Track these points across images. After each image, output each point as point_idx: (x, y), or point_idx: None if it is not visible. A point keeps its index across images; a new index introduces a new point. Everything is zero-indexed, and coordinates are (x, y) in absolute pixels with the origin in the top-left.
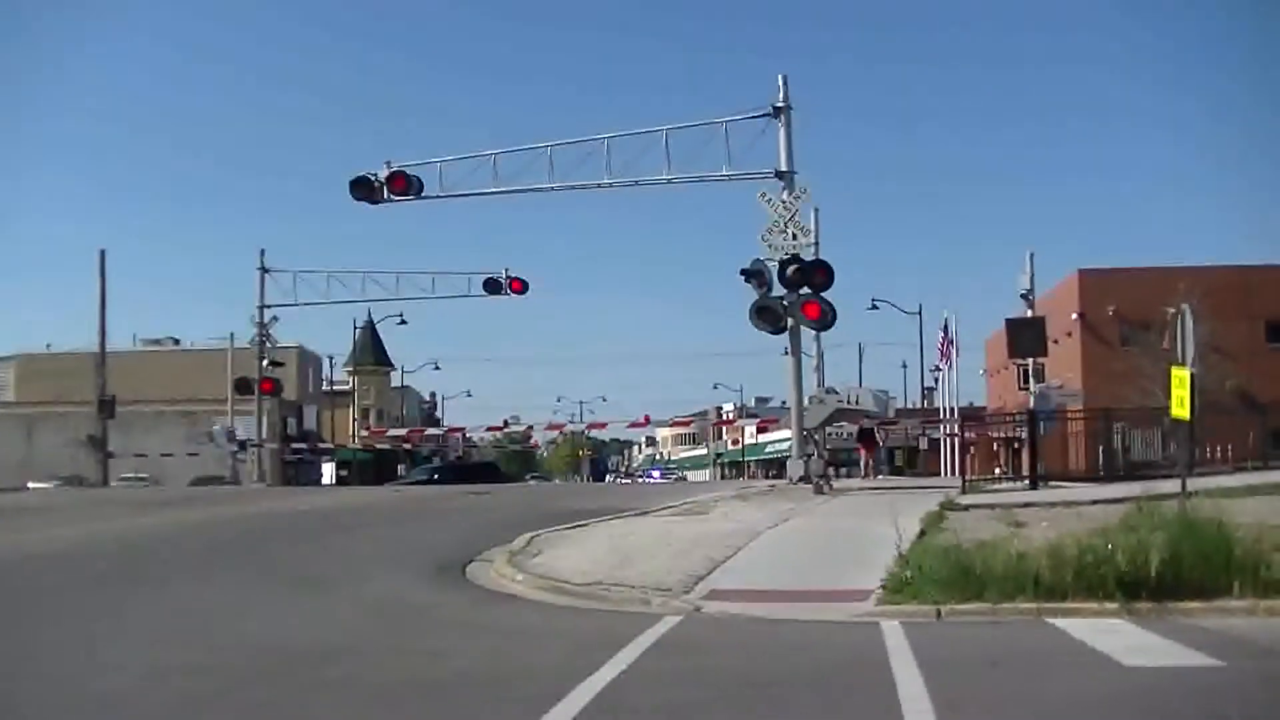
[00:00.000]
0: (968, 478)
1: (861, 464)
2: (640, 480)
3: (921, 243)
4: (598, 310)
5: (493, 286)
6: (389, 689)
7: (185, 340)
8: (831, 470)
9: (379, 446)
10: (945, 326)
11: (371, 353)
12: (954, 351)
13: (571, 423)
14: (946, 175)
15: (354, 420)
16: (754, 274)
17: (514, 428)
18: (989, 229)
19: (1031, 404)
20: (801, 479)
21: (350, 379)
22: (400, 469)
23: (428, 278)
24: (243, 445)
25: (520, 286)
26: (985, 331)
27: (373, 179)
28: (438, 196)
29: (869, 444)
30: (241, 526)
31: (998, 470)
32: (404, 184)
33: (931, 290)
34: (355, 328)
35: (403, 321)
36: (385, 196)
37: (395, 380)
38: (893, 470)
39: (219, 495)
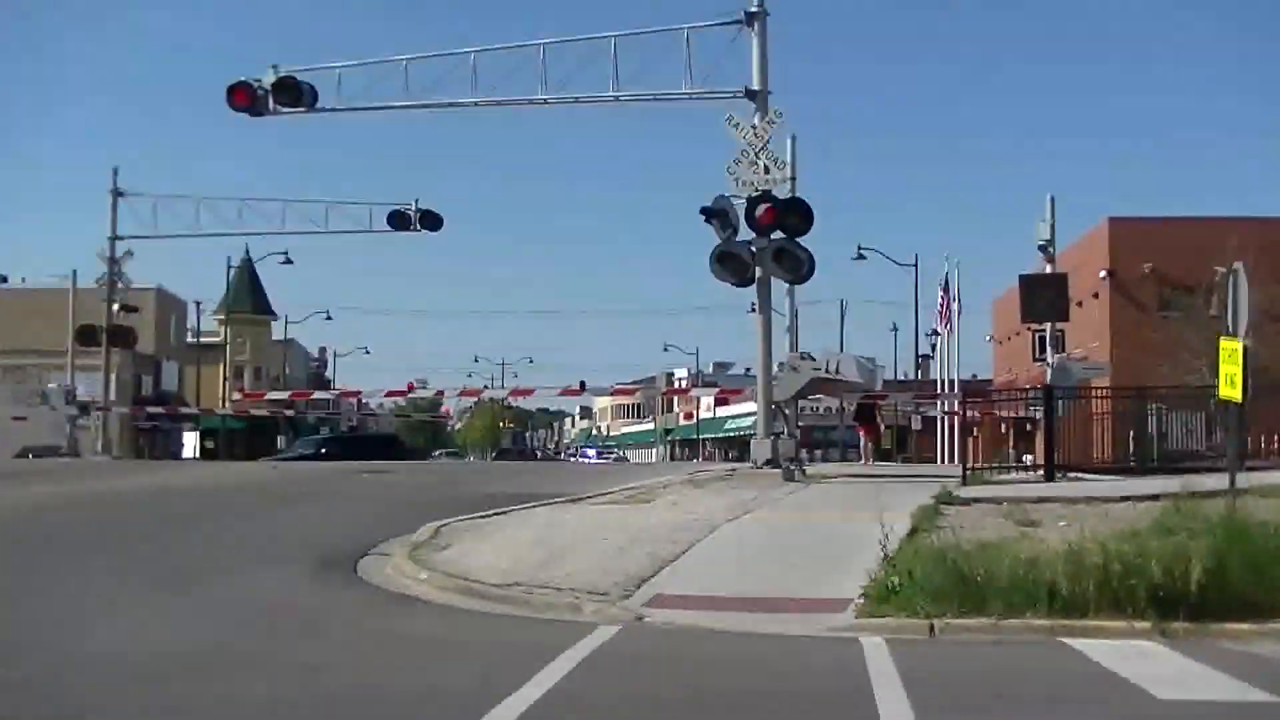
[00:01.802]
0: (969, 465)
1: (861, 447)
2: (573, 460)
3: (921, 186)
4: (526, 253)
5: (399, 221)
6: (250, 713)
7: (14, 278)
8: (805, 453)
9: (255, 413)
10: (946, 282)
11: (249, 298)
12: (956, 313)
13: (490, 388)
14: (953, 108)
15: (225, 380)
16: (716, 214)
17: (421, 393)
18: (1002, 173)
19: (1048, 378)
20: (768, 462)
21: (221, 329)
22: (280, 441)
23: (319, 208)
24: (84, 409)
25: (433, 222)
26: (994, 290)
27: (255, 86)
28: (335, 110)
29: (869, 424)
30: (81, 510)
31: (1008, 456)
32: (293, 93)
33: (931, 241)
34: (229, 267)
35: (287, 260)
36: (270, 108)
37: (277, 332)
38: (878, 455)
39: (53, 470)
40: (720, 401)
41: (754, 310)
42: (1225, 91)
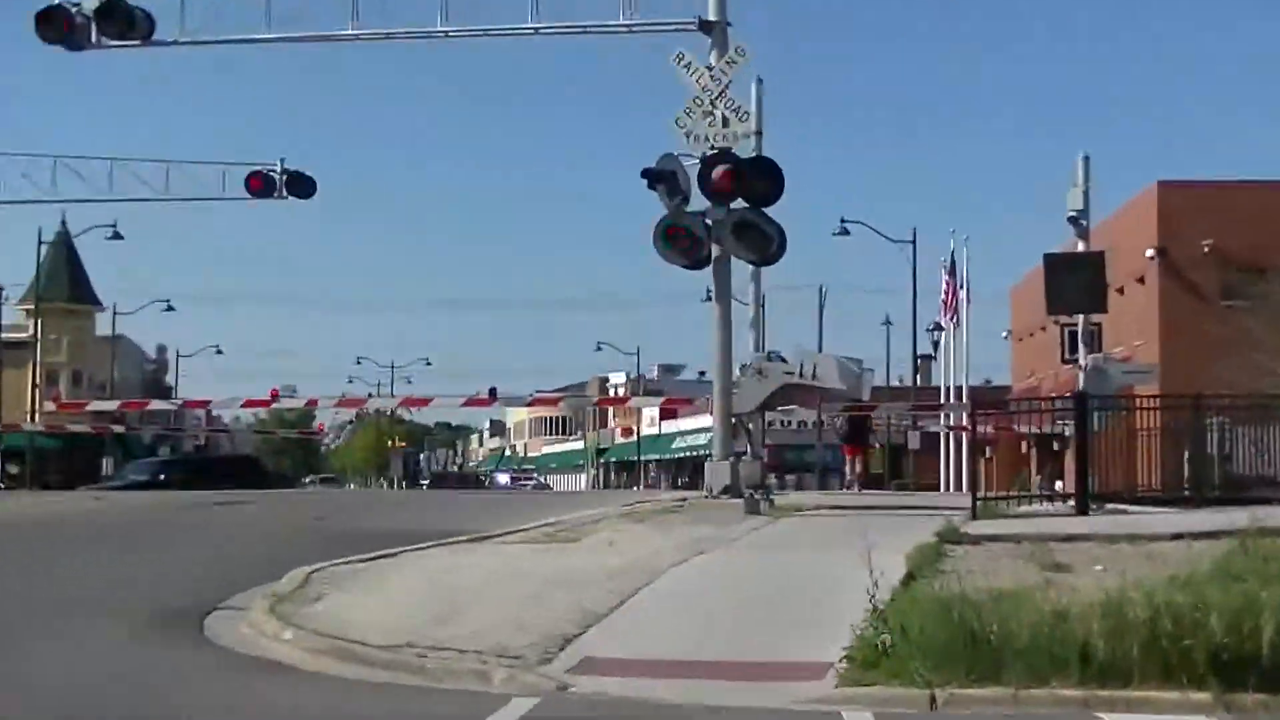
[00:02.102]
0: (981, 494)
1: (847, 470)
2: (483, 487)
3: (922, 146)
4: (422, 229)
5: (260, 186)
6: None
7: None
8: (773, 479)
9: (73, 428)
10: (952, 264)
11: (65, 283)
12: (965, 303)
13: (376, 396)
14: (964, 50)
15: (34, 387)
16: (662, 177)
17: (288, 403)
18: (1024, 131)
19: (1080, 384)
20: (727, 491)
21: (29, 323)
22: (107, 464)
23: (159, 169)
24: None
25: (303, 188)
26: (1012, 274)
27: (73, 11)
28: (176, 43)
29: (859, 443)
30: None
31: (1029, 483)
32: (123, 20)
33: (933, 215)
34: (39, 243)
35: (116, 235)
36: (93, 39)
37: (102, 326)
38: (866, 480)
39: None
40: (667, 414)
41: (709, 299)
42: None
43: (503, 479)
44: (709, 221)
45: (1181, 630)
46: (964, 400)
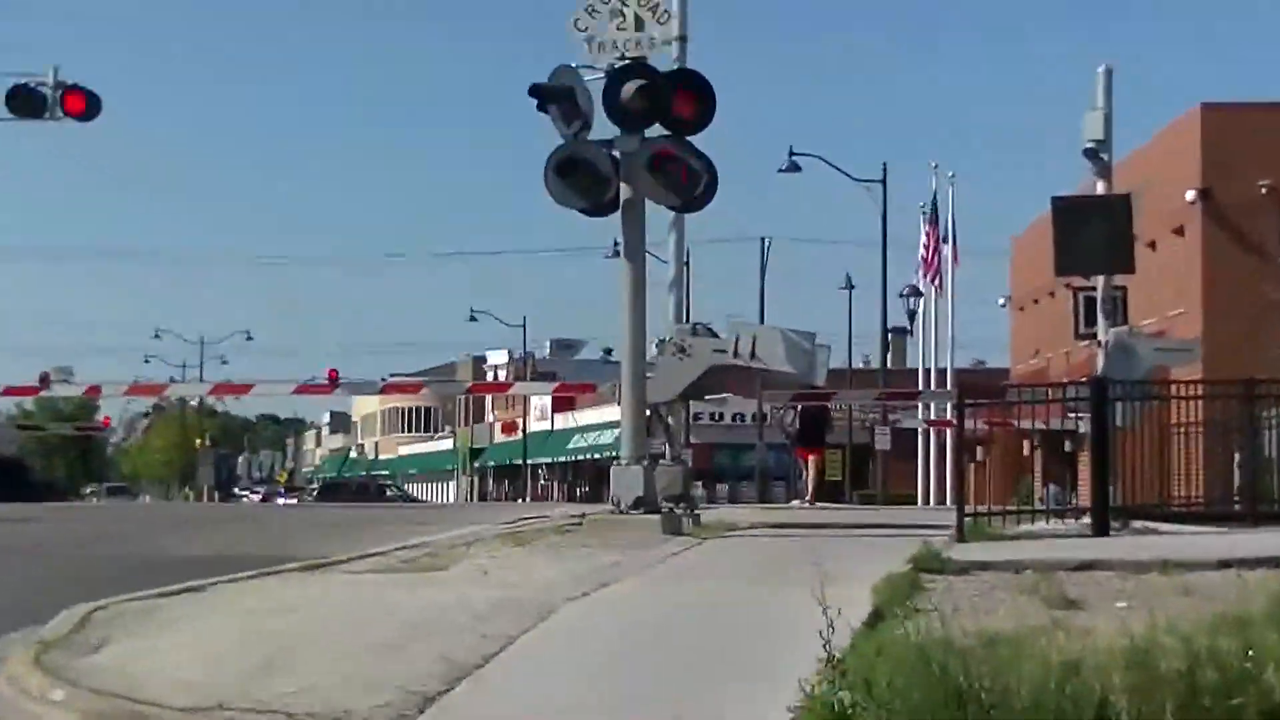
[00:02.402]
0: (970, 509)
1: (804, 478)
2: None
3: (897, 61)
4: (239, 161)
5: (26, 103)
6: None
7: None
8: (700, 488)
9: None
10: (934, 211)
11: None
12: (950, 261)
13: (180, 382)
14: None
15: None
16: (556, 94)
17: (63, 390)
18: (1030, 40)
19: (1100, 367)
20: (639, 504)
21: None
22: None
23: None
24: None
25: (84, 107)
26: (1013, 225)
27: None
28: None
29: (816, 443)
30: None
31: (1033, 494)
32: None
33: (911, 150)
34: None
35: None
36: None
37: None
38: (819, 490)
39: None
40: (561, 405)
41: (617, 254)
42: None
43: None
44: (617, 153)
45: (1229, 685)
46: (948, 387)
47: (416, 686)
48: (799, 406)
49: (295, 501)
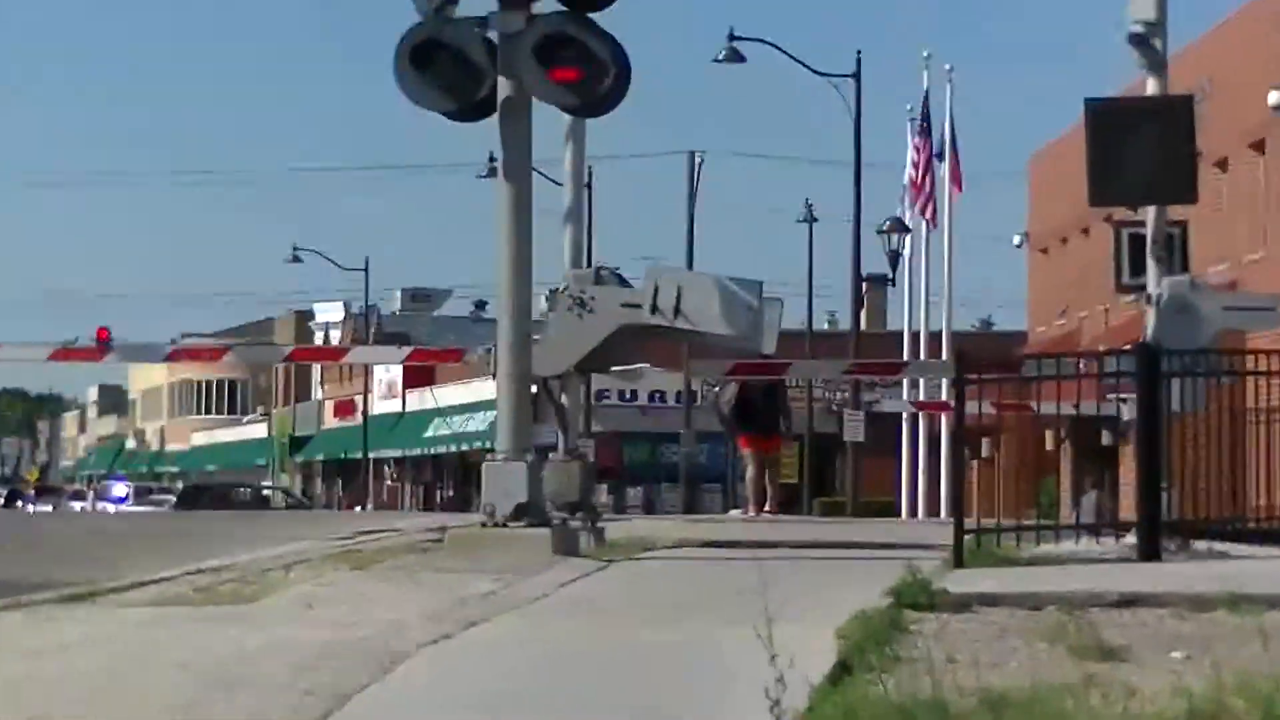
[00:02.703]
0: (971, 523)
1: (751, 481)
2: (82, 506)
3: None
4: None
5: None
6: None
7: None
8: (606, 492)
9: None
10: (926, 118)
11: None
12: (948, 187)
13: None
14: None
15: None
16: None
17: None
18: None
19: (1149, 330)
20: (521, 513)
21: None
22: None
23: None
24: None
25: None
26: (1032, 141)
27: None
28: None
29: (763, 428)
30: None
31: (1056, 503)
32: None
33: (895, 37)
34: None
35: None
36: None
37: None
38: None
39: None
40: (417, 377)
41: (494, 172)
42: None
43: (119, 491)
44: (494, 36)
45: None
46: (943, 357)
47: None
48: (742, 382)
49: (50, 509)
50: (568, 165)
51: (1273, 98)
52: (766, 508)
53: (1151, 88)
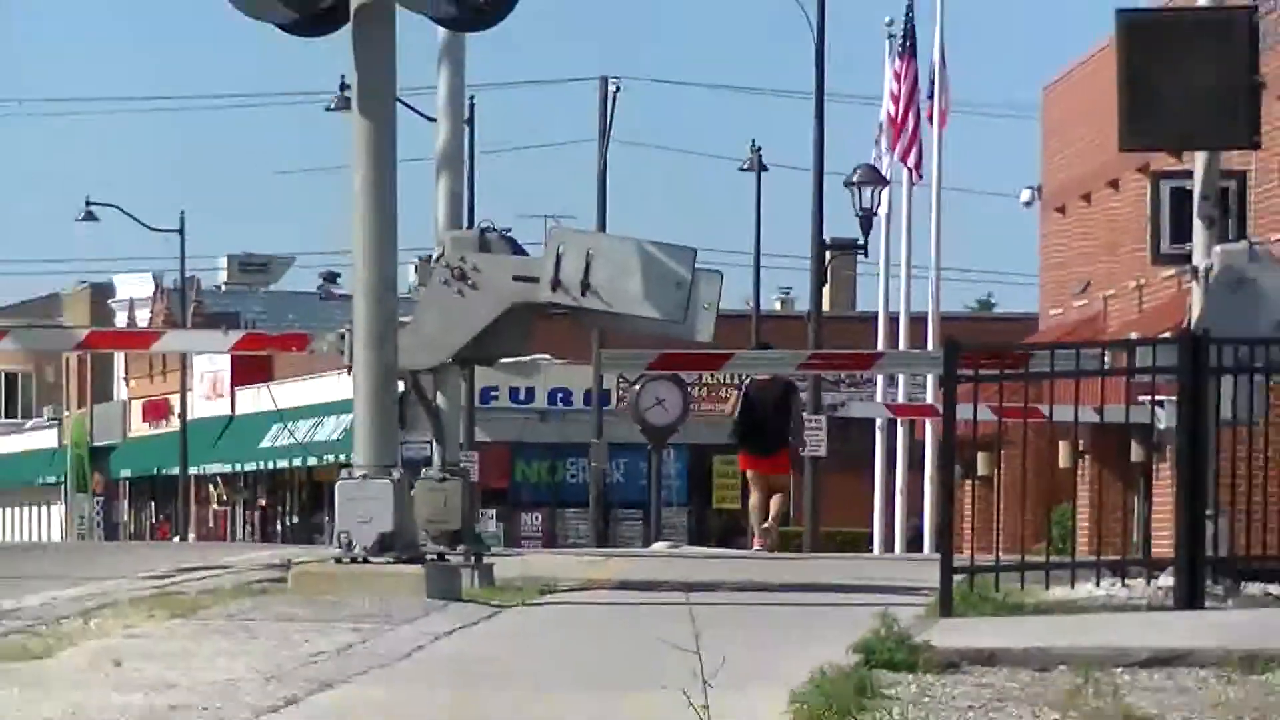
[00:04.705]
0: (964, 560)
1: (753, 509)
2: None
3: None
4: None
5: None
6: None
7: None
8: (493, 520)
9: None
10: (909, 36)
11: None
12: (935, 124)
13: None
14: None
15: None
16: None
17: None
18: None
19: (1194, 313)
20: (385, 544)
21: None
22: None
23: None
24: None
25: None
26: (1044, 66)
27: None
28: None
29: (773, 447)
30: None
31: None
32: None
33: None
34: None
35: None
36: None
37: None
38: (702, 528)
39: None
40: (251, 370)
41: (347, 103)
42: None
43: None
44: None
45: None
46: (929, 346)
47: None
48: (744, 382)
49: None
50: (442, 94)
51: None
52: (765, 541)
53: None
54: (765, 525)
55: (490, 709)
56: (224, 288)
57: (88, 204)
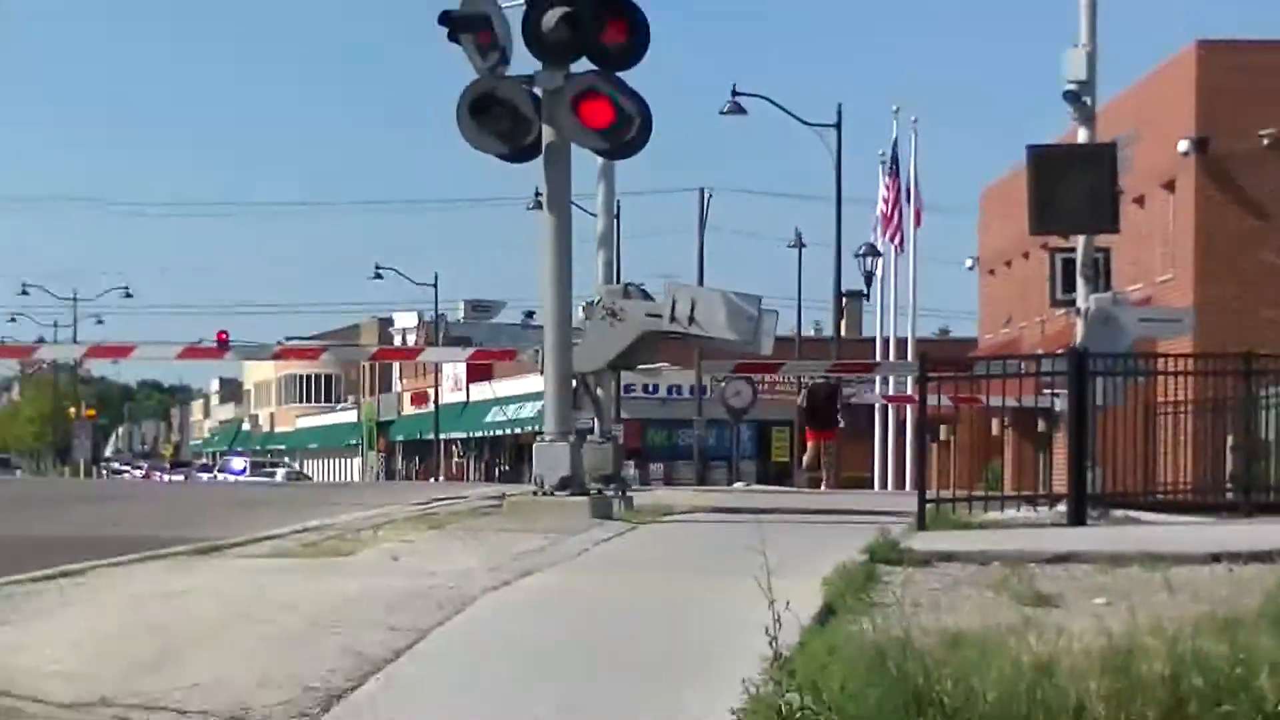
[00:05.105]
0: (933, 494)
1: (806, 465)
2: (208, 477)
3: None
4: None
5: None
6: None
7: None
8: (633, 468)
9: None
10: (894, 161)
11: None
12: (912, 218)
13: (52, 343)
14: None
15: None
16: (470, 24)
17: None
18: None
19: (1079, 337)
20: (564, 484)
21: None
22: None
23: None
24: None
25: None
26: (983, 177)
27: None
28: None
29: (827, 424)
30: None
31: (1002, 479)
32: None
33: (867, 92)
34: None
35: None
36: None
37: None
38: (765, 475)
39: None
40: (477, 373)
41: (539, 206)
42: None
43: (238, 465)
44: (538, 91)
45: (1217, 692)
46: (909, 359)
47: (320, 682)
48: (809, 384)
49: (183, 479)
50: (600, 199)
51: (1181, 146)
52: (822, 475)
53: (1082, 136)
54: (815, 469)
55: (632, 586)
56: (461, 320)
57: (377, 268)
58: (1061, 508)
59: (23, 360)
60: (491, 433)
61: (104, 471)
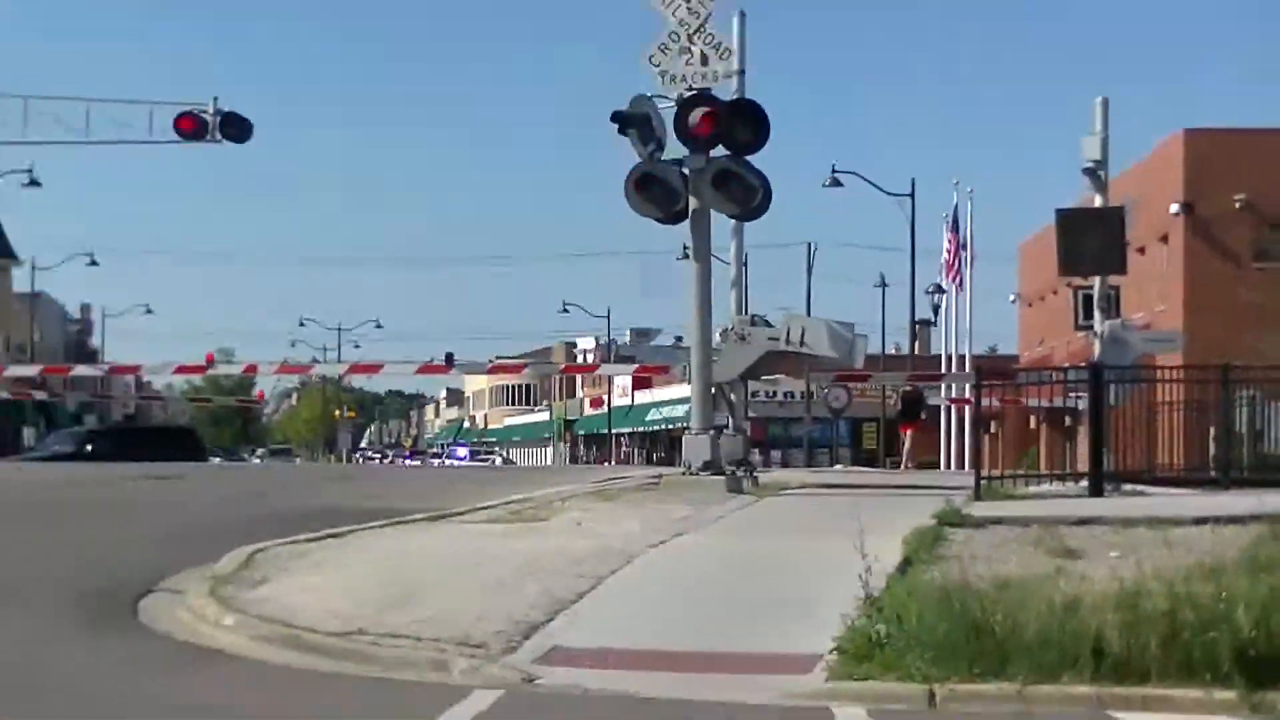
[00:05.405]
0: (985, 473)
1: (904, 449)
2: (438, 462)
3: (922, 89)
4: (368, 179)
5: (191, 128)
6: None
7: None
8: (756, 454)
9: None
10: (954, 220)
11: None
12: (968, 263)
13: (322, 363)
14: None
15: None
16: (634, 121)
17: (225, 368)
18: (1038, 75)
19: (1096, 353)
20: (707, 467)
21: None
22: (27, 434)
23: (78, 107)
24: None
25: (238, 129)
26: (1021, 232)
27: None
28: None
29: (913, 418)
30: None
31: (1038, 461)
32: None
33: (935, 166)
34: None
35: (33, 182)
36: None
37: (20, 283)
38: (857, 459)
39: None
40: (640, 383)
41: (687, 256)
42: None
43: (461, 453)
44: (686, 171)
45: (1204, 624)
46: (967, 370)
47: (523, 617)
48: (901, 389)
49: (419, 464)
50: (732, 251)
51: (1173, 208)
52: (909, 464)
53: (1097, 202)
54: (905, 460)
55: (758, 543)
56: (628, 343)
57: (564, 304)
58: (1084, 483)
59: (301, 375)
60: (651, 428)
61: (359, 459)
